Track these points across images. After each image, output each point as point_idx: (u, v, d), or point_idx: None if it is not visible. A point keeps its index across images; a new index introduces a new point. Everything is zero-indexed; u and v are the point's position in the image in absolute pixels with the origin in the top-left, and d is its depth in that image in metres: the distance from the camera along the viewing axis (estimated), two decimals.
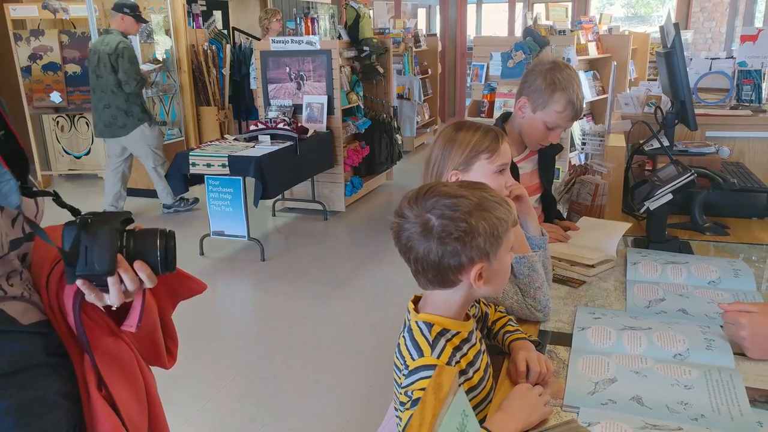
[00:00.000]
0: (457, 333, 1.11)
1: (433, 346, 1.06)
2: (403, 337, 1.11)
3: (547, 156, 2.04)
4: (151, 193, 5.97)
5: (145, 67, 5.33)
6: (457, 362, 1.09)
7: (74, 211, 0.91)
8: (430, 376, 0.78)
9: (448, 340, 1.08)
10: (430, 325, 1.08)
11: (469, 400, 1.11)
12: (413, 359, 1.06)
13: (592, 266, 1.68)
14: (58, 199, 0.92)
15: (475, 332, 1.17)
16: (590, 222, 1.97)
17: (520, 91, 1.89)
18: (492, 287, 1.10)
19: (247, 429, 2.56)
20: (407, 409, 1.04)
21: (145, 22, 5.37)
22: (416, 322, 1.09)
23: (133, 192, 6.04)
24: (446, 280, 1.06)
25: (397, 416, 1.14)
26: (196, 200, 5.59)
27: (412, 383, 1.04)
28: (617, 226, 1.82)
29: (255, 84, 6.03)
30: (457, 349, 1.09)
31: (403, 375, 1.07)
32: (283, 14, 6.46)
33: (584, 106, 5.36)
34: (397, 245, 1.08)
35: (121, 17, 4.94)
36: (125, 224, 0.91)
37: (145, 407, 1.02)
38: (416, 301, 1.15)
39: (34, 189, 0.91)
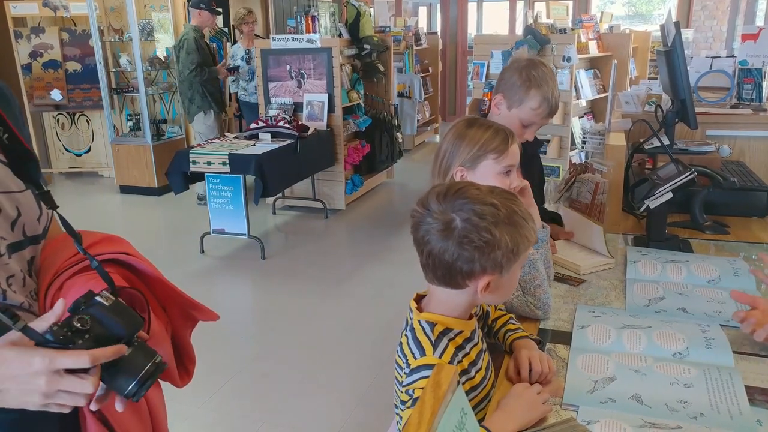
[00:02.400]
0: (460, 332, 1.10)
1: (435, 346, 1.06)
2: (405, 335, 1.10)
3: (530, 155, 2.03)
4: (150, 191, 5.97)
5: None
6: (459, 361, 1.08)
7: (74, 234, 0.89)
8: None
9: (450, 340, 1.08)
10: (432, 325, 1.08)
11: (471, 399, 1.11)
12: (415, 358, 1.06)
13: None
14: (63, 221, 0.91)
15: (478, 331, 1.17)
16: (571, 216, 1.94)
17: (496, 89, 1.90)
18: (496, 297, 1.09)
19: (246, 427, 2.56)
20: (408, 407, 1.04)
21: (220, 14, 5.67)
22: (419, 321, 1.09)
23: (130, 189, 6.05)
24: (454, 281, 1.05)
25: (397, 414, 1.14)
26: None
27: (414, 382, 1.04)
28: (595, 229, 1.81)
29: (235, 87, 5.98)
30: (459, 348, 1.09)
31: (405, 374, 1.06)
32: (284, 12, 6.44)
33: (585, 105, 5.35)
34: (413, 234, 1.06)
35: (198, 12, 5.36)
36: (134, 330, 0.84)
37: (147, 424, 1.01)
38: (418, 299, 1.15)
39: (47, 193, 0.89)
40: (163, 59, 6.26)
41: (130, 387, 0.80)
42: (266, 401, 2.73)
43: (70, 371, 0.76)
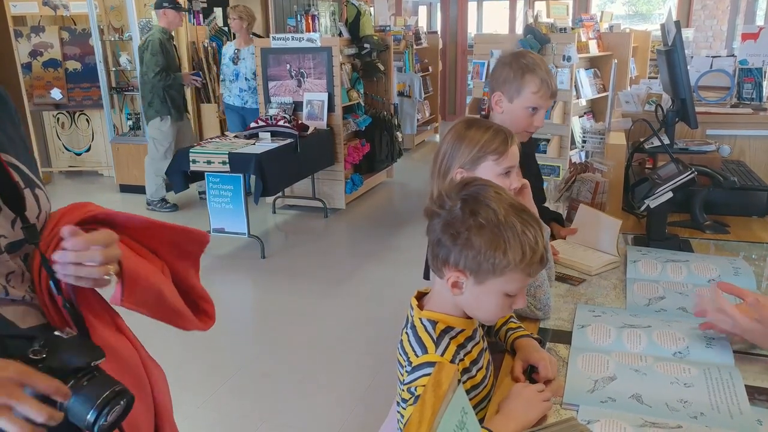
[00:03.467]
0: (462, 330, 1.10)
1: (437, 344, 1.06)
2: (406, 333, 1.10)
3: (527, 154, 2.03)
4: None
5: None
6: (461, 360, 1.08)
7: (51, 271, 0.88)
8: None
9: (452, 338, 1.08)
10: (434, 323, 1.08)
11: (472, 398, 1.11)
12: (417, 356, 1.06)
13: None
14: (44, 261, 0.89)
15: (479, 329, 1.17)
16: (587, 213, 1.95)
17: (492, 89, 1.89)
18: (466, 304, 1.07)
19: (245, 427, 2.56)
20: (409, 405, 1.04)
21: (185, 10, 5.44)
22: (420, 319, 1.09)
23: (131, 189, 6.05)
24: (435, 264, 1.06)
25: (398, 412, 1.14)
26: (176, 206, 5.57)
27: (415, 380, 1.04)
28: (612, 223, 1.81)
29: (223, 87, 5.67)
30: (461, 347, 1.09)
31: (406, 371, 1.06)
32: (284, 11, 6.41)
33: (585, 104, 5.35)
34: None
35: (163, 13, 5.08)
36: (91, 360, 0.84)
37: (150, 405, 1.01)
38: (419, 297, 1.15)
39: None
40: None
41: (89, 415, 0.80)
42: (266, 401, 2.73)
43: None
